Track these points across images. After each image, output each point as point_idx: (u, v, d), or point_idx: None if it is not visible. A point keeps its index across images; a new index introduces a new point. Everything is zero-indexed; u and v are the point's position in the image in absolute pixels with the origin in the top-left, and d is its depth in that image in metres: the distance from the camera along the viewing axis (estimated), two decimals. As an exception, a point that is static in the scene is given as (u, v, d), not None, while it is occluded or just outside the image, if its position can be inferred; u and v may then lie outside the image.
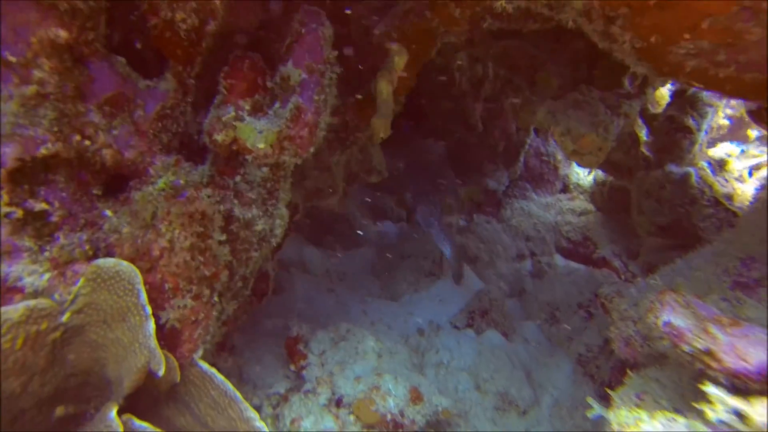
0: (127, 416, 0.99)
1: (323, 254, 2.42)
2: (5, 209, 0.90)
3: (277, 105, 1.09)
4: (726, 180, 1.56)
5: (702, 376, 0.69)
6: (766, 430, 0.47)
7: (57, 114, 0.93)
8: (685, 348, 0.67)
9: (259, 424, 1.02)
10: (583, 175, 2.98)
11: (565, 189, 3.03)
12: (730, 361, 0.63)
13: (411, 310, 2.02)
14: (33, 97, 0.91)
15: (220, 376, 1.05)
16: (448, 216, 2.44)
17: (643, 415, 0.65)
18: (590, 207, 2.69)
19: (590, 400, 0.74)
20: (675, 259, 1.13)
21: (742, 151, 2.00)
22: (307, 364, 1.45)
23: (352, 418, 1.31)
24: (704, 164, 1.60)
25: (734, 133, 2.74)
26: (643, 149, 1.70)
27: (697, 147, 1.60)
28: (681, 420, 0.64)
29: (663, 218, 1.58)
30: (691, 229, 1.51)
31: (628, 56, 0.94)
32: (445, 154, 2.77)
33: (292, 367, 1.46)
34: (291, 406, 1.31)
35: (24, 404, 0.98)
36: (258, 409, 1.32)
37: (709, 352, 0.65)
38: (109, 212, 1.04)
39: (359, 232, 2.52)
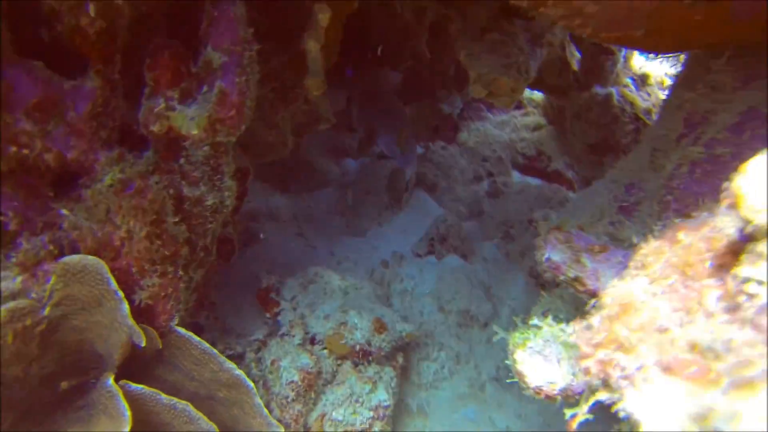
0: (123, 381, 1.15)
1: (289, 200, 2.52)
2: (-35, 226, 0.98)
3: (204, 89, 1.14)
4: (648, 94, 1.65)
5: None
6: (573, 341, 0.62)
7: (-12, 130, 0.98)
8: (562, 277, 0.82)
9: (238, 372, 1.20)
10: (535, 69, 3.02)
11: (519, 105, 3.09)
12: (591, 284, 0.78)
13: (375, 244, 2.18)
14: (-39, 118, 0.96)
15: (196, 338, 1.20)
16: (407, 143, 2.53)
17: (530, 334, 0.81)
18: (543, 121, 2.78)
19: (495, 327, 0.89)
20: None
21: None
22: (281, 310, 1.61)
23: (325, 352, 1.50)
24: (628, 80, 1.68)
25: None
26: (577, 69, 1.76)
27: (618, 66, 1.67)
28: (560, 339, 0.80)
29: (591, 138, 1.69)
30: (617, 146, 1.64)
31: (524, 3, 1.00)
32: (395, 85, 2.79)
33: (268, 315, 1.63)
34: (270, 350, 1.49)
35: (31, 384, 1.13)
36: (241, 356, 1.49)
37: (576, 279, 0.80)
38: (65, 211, 1.12)
39: None
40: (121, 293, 1.09)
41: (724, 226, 0.54)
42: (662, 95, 1.68)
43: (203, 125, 1.11)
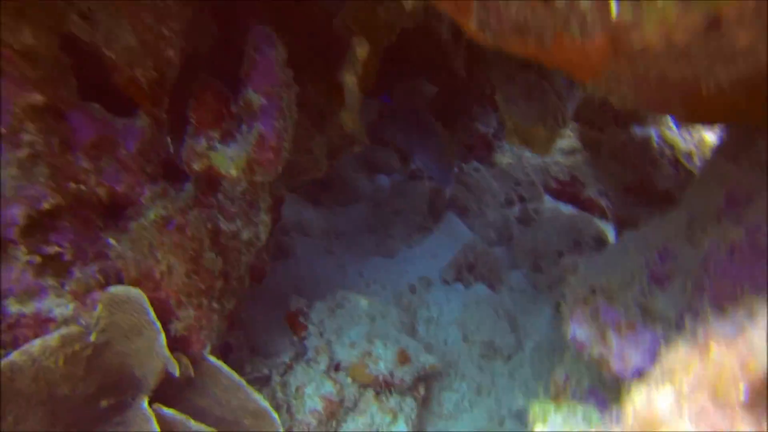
0: (156, 405, 1.21)
1: (321, 214, 2.56)
2: (26, 257, 1.06)
3: (244, 128, 1.19)
4: (690, 134, 1.60)
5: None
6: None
7: (50, 170, 1.05)
8: (586, 356, 0.82)
9: (264, 404, 1.24)
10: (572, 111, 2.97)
11: (555, 125, 3.04)
12: (617, 366, 0.78)
13: (405, 267, 2.20)
14: (27, 159, 1.03)
15: (226, 368, 1.25)
16: (446, 162, 2.52)
17: (551, 408, 0.81)
18: (578, 145, 2.73)
19: (519, 396, 0.90)
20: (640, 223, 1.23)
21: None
22: (308, 334, 1.65)
23: (349, 380, 1.53)
24: (669, 120, 1.63)
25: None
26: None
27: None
28: (580, 411, 0.80)
29: (628, 179, 1.66)
30: (654, 190, 1.60)
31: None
32: (429, 99, 2.79)
33: (295, 338, 1.67)
34: (295, 375, 1.53)
35: (76, 402, 1.21)
36: (268, 378, 1.54)
37: (601, 359, 0.80)
38: (112, 240, 1.19)
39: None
40: (159, 324, 1.15)
41: (761, 345, 0.54)
42: (706, 135, 1.63)
43: (242, 166, 1.16)
